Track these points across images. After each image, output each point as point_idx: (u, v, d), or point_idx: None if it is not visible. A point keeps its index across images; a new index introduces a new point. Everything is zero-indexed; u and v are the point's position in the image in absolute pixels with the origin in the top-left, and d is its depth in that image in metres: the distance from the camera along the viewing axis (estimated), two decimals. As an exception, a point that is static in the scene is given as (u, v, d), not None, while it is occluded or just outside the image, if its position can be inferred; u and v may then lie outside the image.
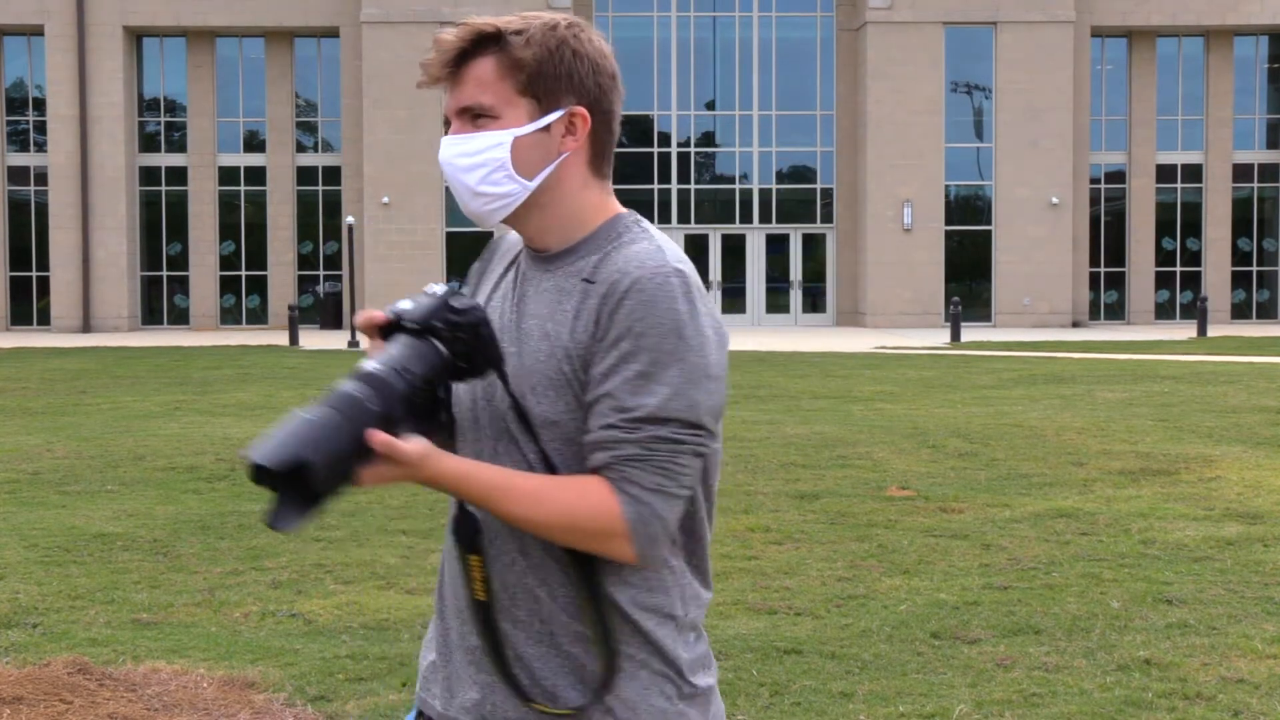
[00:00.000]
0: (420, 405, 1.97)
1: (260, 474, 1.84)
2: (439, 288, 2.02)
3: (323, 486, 1.86)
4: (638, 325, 1.99)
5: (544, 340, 2.06)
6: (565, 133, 2.08)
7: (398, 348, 1.98)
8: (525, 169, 2.07)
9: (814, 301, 40.91)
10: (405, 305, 2.02)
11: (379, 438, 1.89)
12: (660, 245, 2.07)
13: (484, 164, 2.06)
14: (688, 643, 2.11)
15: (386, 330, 2.01)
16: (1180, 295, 40.99)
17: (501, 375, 2.03)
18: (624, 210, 2.15)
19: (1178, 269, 41.07)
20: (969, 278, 39.37)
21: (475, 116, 2.07)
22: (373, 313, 2.02)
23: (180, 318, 40.40)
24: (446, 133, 2.11)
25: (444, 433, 2.03)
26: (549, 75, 2.06)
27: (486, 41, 2.06)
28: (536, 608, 2.07)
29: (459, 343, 1.99)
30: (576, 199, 2.11)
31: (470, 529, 2.06)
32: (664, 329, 1.98)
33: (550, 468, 2.04)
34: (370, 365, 1.95)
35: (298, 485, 1.85)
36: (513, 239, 2.23)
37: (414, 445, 1.93)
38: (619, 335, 2.00)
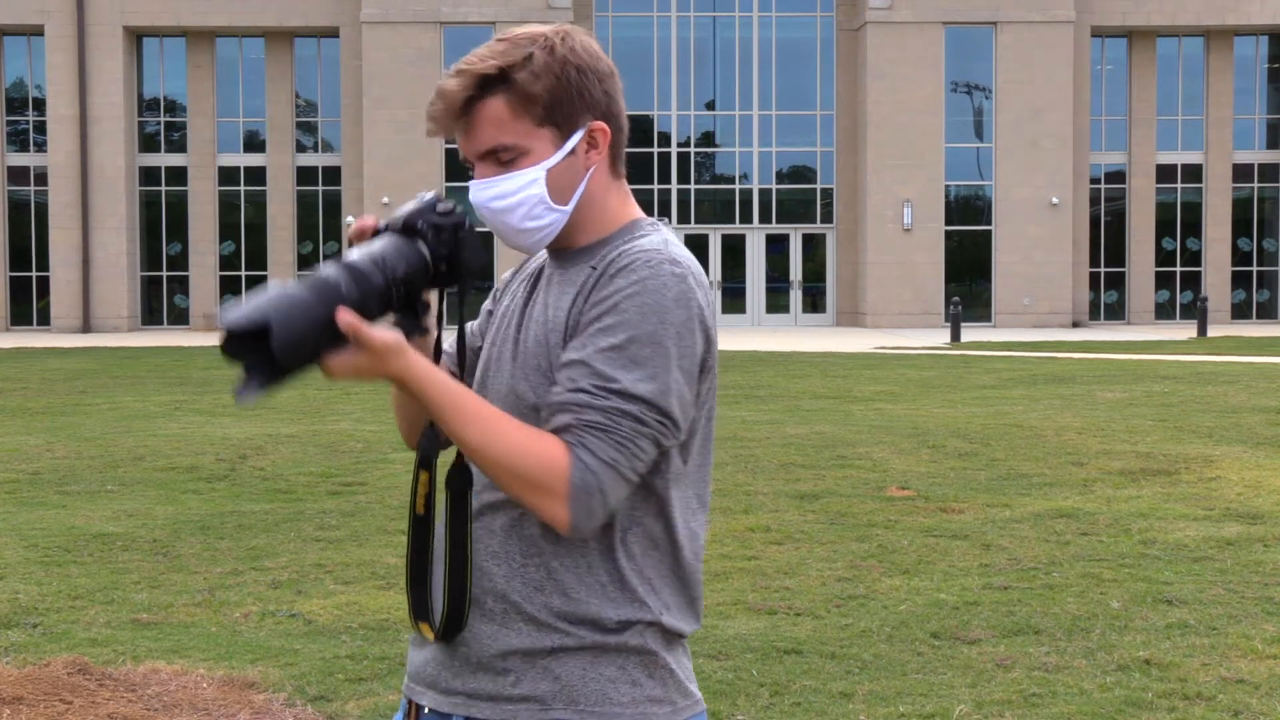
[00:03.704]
0: (397, 304, 1.99)
1: (229, 343, 1.85)
2: (428, 194, 2.06)
3: (284, 356, 1.84)
4: (624, 302, 2.00)
5: (542, 326, 2.10)
6: (588, 148, 2.11)
7: (380, 244, 2.00)
8: (560, 196, 2.10)
9: (814, 301, 40.91)
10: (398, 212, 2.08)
11: (346, 317, 1.88)
12: (667, 239, 2.11)
13: (523, 202, 2.08)
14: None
15: (377, 236, 2.06)
16: (1180, 295, 41.00)
17: (466, 288, 2.07)
18: (644, 215, 2.19)
19: (1178, 269, 41.07)
20: (969, 278, 39.37)
21: (500, 157, 2.08)
22: (365, 220, 2.06)
23: (180, 318, 40.40)
24: (473, 176, 2.12)
25: (420, 336, 2.05)
26: (564, 101, 2.07)
27: (493, 83, 2.06)
28: (490, 586, 2.08)
29: (441, 244, 2.02)
30: (601, 204, 2.14)
31: (431, 445, 2.08)
32: (648, 309, 2.00)
33: None
34: (352, 257, 1.96)
35: (262, 353, 1.84)
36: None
37: (383, 334, 1.92)
38: (604, 310, 2.02)
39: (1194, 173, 40.90)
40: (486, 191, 2.09)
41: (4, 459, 11.92)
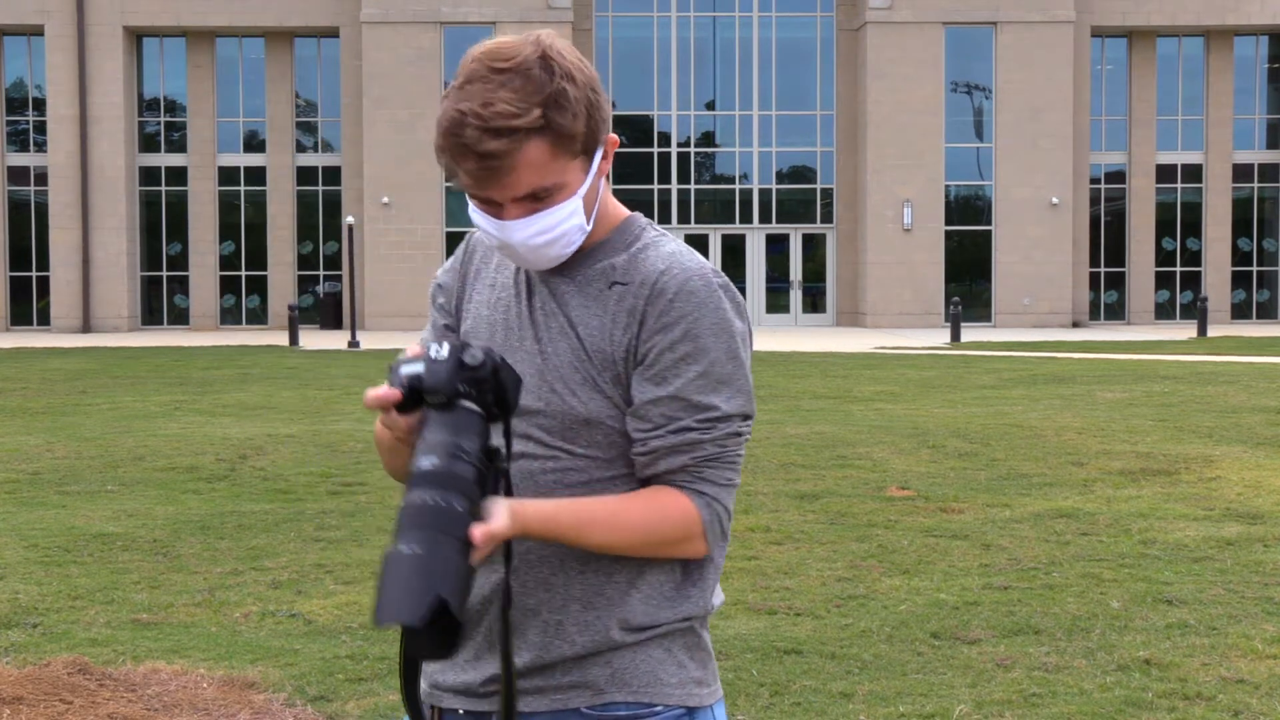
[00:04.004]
0: (487, 471, 1.93)
1: (384, 621, 1.80)
2: (442, 350, 1.94)
3: (460, 610, 1.82)
4: (694, 327, 2.04)
5: (574, 341, 2.07)
6: (601, 160, 2.10)
7: (439, 431, 1.91)
8: (588, 215, 2.08)
9: (814, 301, 40.92)
10: (413, 371, 1.94)
11: (478, 534, 1.85)
12: (688, 248, 2.14)
13: (565, 232, 2.05)
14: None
15: (403, 405, 1.94)
16: (1180, 295, 41.01)
17: (510, 421, 2.01)
18: (633, 213, 2.18)
19: (1178, 269, 41.08)
20: (969, 278, 39.38)
21: (538, 194, 2.02)
22: (384, 394, 1.93)
23: (180, 318, 40.40)
24: (502, 215, 2.03)
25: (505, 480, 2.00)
26: (594, 129, 2.04)
27: (534, 133, 1.98)
28: (549, 596, 2.08)
29: (486, 394, 1.94)
30: (604, 207, 2.14)
31: None
32: (718, 329, 2.05)
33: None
34: (428, 463, 1.88)
35: (436, 620, 1.82)
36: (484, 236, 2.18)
37: (501, 516, 1.91)
38: (676, 338, 2.04)
39: (1194, 173, 40.90)
40: (528, 230, 2.03)
41: (4, 459, 11.92)
